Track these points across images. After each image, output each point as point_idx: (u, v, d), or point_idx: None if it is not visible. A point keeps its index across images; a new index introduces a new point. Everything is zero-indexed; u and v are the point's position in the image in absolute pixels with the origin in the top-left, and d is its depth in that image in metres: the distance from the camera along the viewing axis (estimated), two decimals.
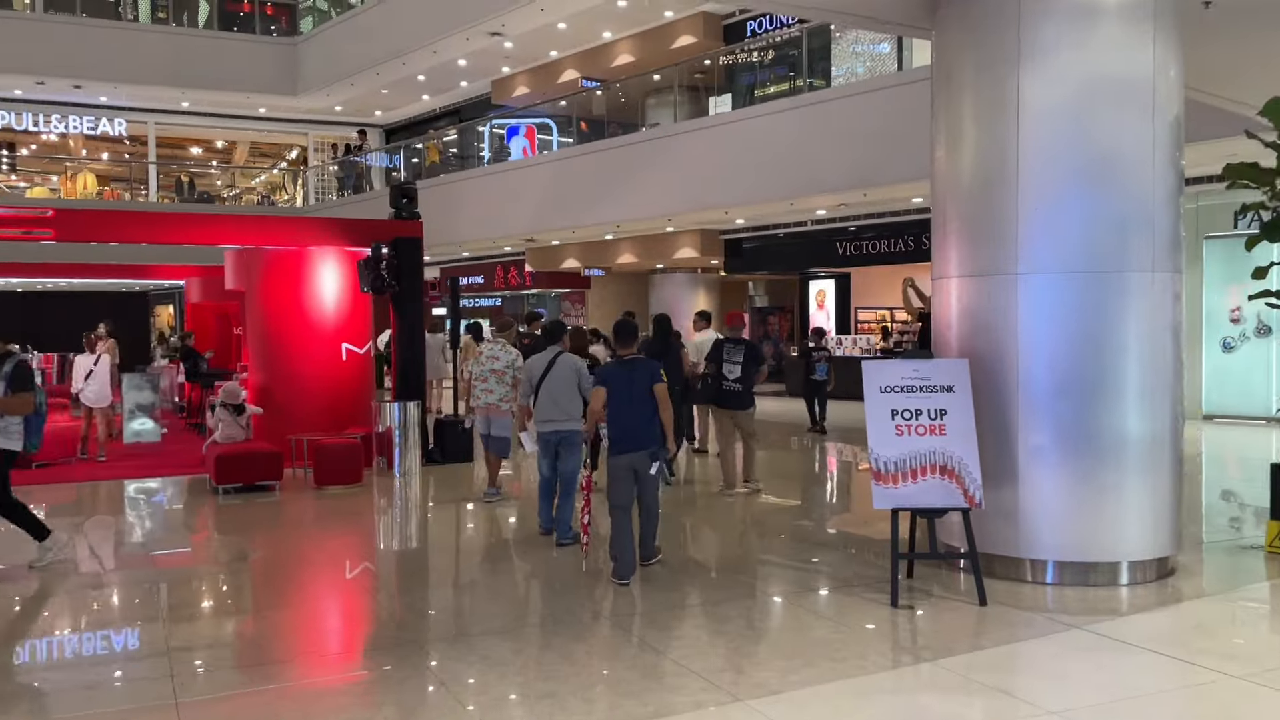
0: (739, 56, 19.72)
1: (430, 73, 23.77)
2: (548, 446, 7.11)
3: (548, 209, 18.06)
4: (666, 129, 16.13)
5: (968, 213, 5.78)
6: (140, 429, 11.21)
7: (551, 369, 7.04)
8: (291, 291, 10.33)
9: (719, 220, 18.53)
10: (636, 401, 6.06)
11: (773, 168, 14.30)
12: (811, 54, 16.77)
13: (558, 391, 6.97)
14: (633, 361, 6.30)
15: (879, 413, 5.40)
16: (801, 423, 14.53)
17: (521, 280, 25.03)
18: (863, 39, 17.36)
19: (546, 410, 7.01)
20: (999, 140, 5.61)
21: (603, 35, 21.35)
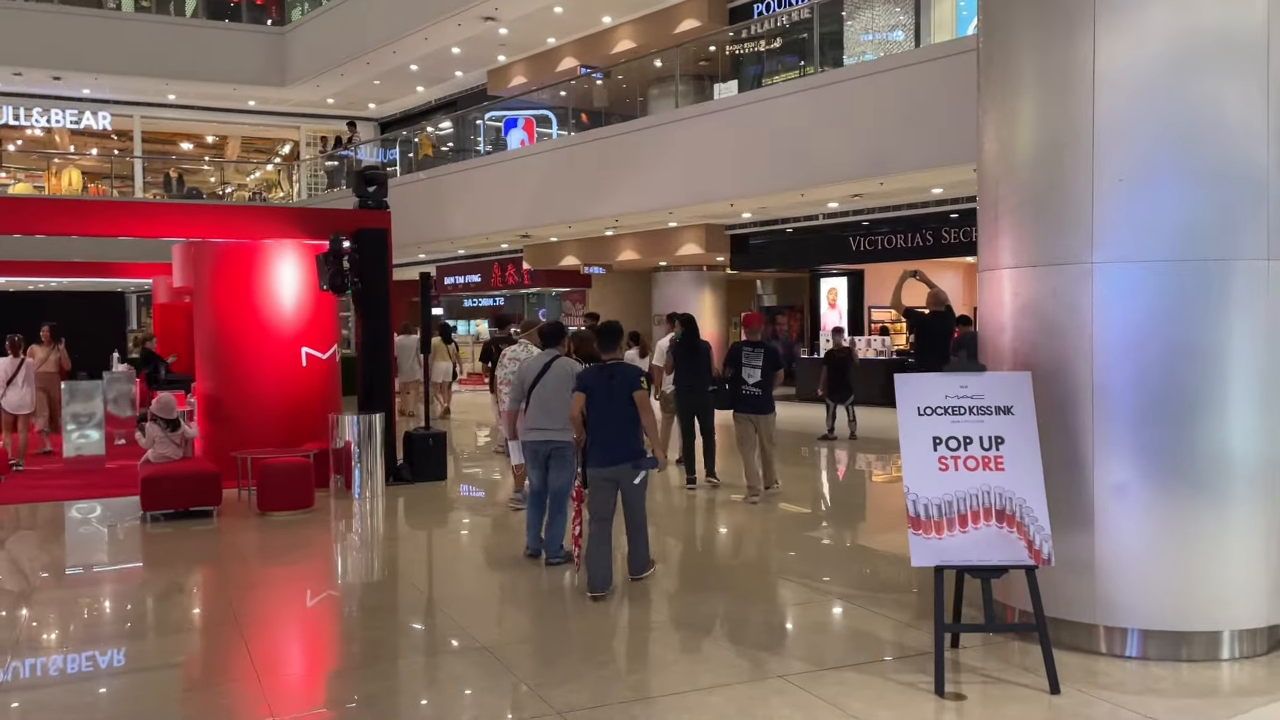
0: (744, 43, 18.60)
1: (423, 62, 22.71)
2: (536, 457, 6.58)
3: (542, 203, 16.95)
4: (666, 115, 15.00)
5: (1028, 191, 4.64)
6: (82, 442, 10.13)
7: (545, 374, 6.54)
8: (243, 289, 9.24)
9: (724, 214, 17.39)
10: (617, 409, 5.80)
11: (781, 156, 13.16)
12: (823, 39, 15.65)
13: (550, 399, 6.47)
14: (613, 367, 6.00)
15: (917, 441, 4.24)
16: (821, 429, 13.46)
17: (520, 279, 23.94)
18: (876, 25, 16.25)
19: (536, 418, 6.51)
20: (1070, 108, 4.48)
21: (602, 20, 20.23)
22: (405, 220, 20.28)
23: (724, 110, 14.11)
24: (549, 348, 6.80)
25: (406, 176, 21.22)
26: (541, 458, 6.54)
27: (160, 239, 9.84)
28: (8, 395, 9.81)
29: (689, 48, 18.17)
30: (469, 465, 11.51)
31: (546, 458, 6.52)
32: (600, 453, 5.84)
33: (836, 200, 16.02)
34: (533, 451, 6.58)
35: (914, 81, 11.75)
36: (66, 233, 8.53)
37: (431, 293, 9.71)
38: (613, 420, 5.82)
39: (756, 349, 8.75)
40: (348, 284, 8.76)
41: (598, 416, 5.85)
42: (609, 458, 5.80)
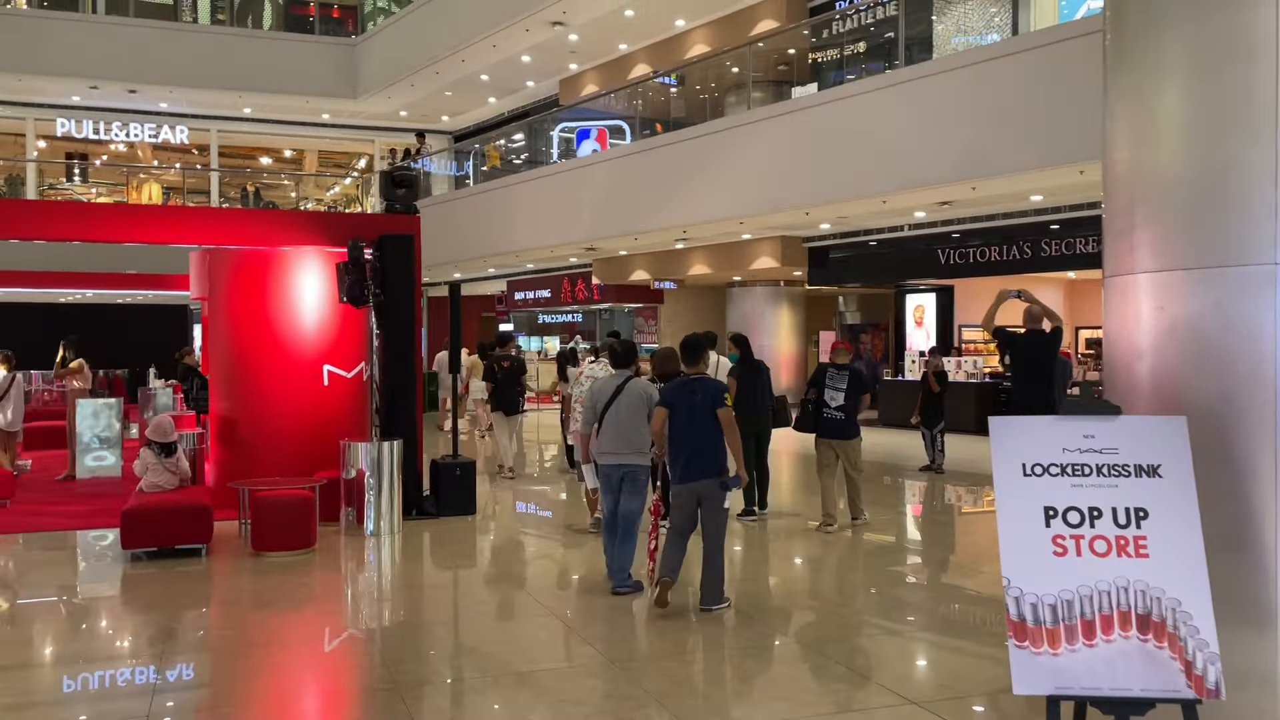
0: (824, 50, 17.43)
1: (493, 71, 22.08)
2: (609, 481, 6.42)
3: (606, 214, 16.00)
4: (738, 118, 13.90)
5: (1179, 176, 3.43)
6: (97, 464, 9.46)
7: (619, 396, 6.37)
8: (259, 301, 8.45)
9: (800, 225, 16.19)
10: (700, 424, 5.76)
11: (862, 160, 11.95)
12: (909, 42, 14.39)
13: (623, 422, 6.34)
14: (695, 381, 5.95)
15: (1022, 512, 3.04)
16: (909, 457, 12.21)
17: (590, 294, 23.08)
18: (968, 25, 14.94)
19: (609, 442, 6.38)
20: (1241, 84, 3.28)
21: (675, 24, 19.29)
22: (472, 233, 19.66)
23: (799, 111, 12.96)
24: (621, 368, 6.66)
25: (470, 189, 20.58)
26: (614, 482, 6.37)
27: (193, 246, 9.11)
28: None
29: (767, 53, 17.08)
30: (511, 493, 10.56)
31: (619, 482, 6.35)
32: (683, 468, 5.80)
33: (923, 209, 14.70)
34: (605, 476, 6.42)
35: (1011, 74, 10.48)
36: (66, 238, 7.87)
37: (460, 301, 8.78)
38: (696, 436, 5.77)
39: (841, 371, 8.48)
40: (367, 295, 7.88)
41: (680, 432, 5.81)
42: (693, 473, 5.78)
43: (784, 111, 13.08)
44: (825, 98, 12.71)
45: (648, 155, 15.17)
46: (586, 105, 21.41)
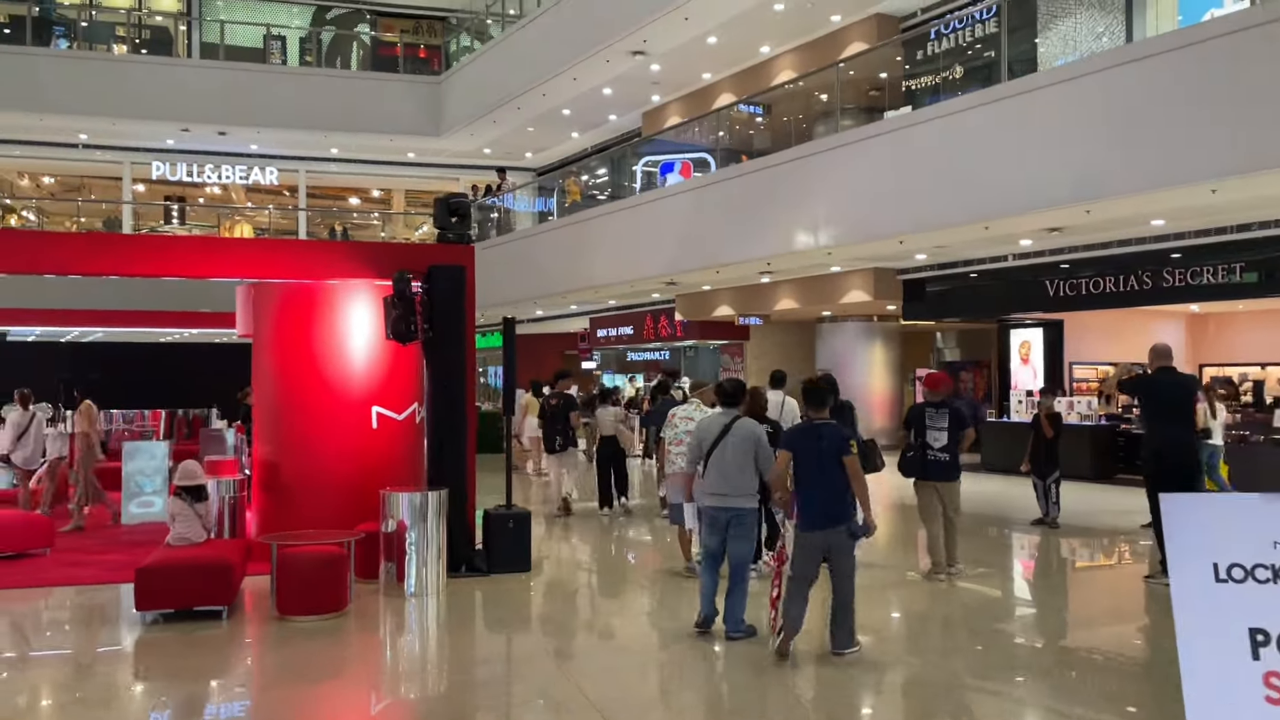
0: (919, 75, 16.46)
1: (575, 105, 21.70)
2: (715, 524, 6.31)
3: (686, 246, 15.25)
4: (825, 142, 13.01)
5: None
6: (142, 510, 9.02)
7: (725, 436, 6.27)
8: (304, 338, 7.91)
9: (894, 255, 15.16)
10: (827, 471, 5.69)
11: (961, 183, 10.95)
12: (1012, 60, 13.35)
13: (729, 463, 6.22)
14: (821, 427, 5.87)
15: (1214, 634, 2.12)
16: (1017, 508, 11.08)
17: (673, 330, 22.33)
18: (1078, 41, 13.84)
19: (715, 483, 6.27)
20: None
21: (760, 50, 18.59)
22: (552, 269, 19.14)
23: (890, 133, 12.02)
24: (728, 407, 6.50)
25: (548, 224, 20.12)
26: (720, 525, 6.25)
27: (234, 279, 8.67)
28: (17, 451, 8.89)
29: (857, 81, 16.19)
30: (572, 542, 9.78)
31: (726, 525, 6.23)
32: (809, 516, 5.72)
33: (1030, 236, 13.57)
34: (711, 518, 6.30)
35: (1132, 83, 9.40)
36: (99, 272, 7.47)
37: (515, 336, 8.06)
38: (822, 483, 5.69)
39: (940, 409, 8.17)
40: (414, 330, 7.24)
41: (805, 478, 5.75)
42: (819, 521, 5.70)
43: (875, 133, 12.16)
44: (920, 117, 11.76)
45: (729, 185, 14.39)
46: (670, 138, 20.80)
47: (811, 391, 6.04)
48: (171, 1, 25.37)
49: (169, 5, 25.39)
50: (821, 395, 5.99)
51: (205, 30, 25.01)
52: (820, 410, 5.96)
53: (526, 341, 29.14)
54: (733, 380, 6.90)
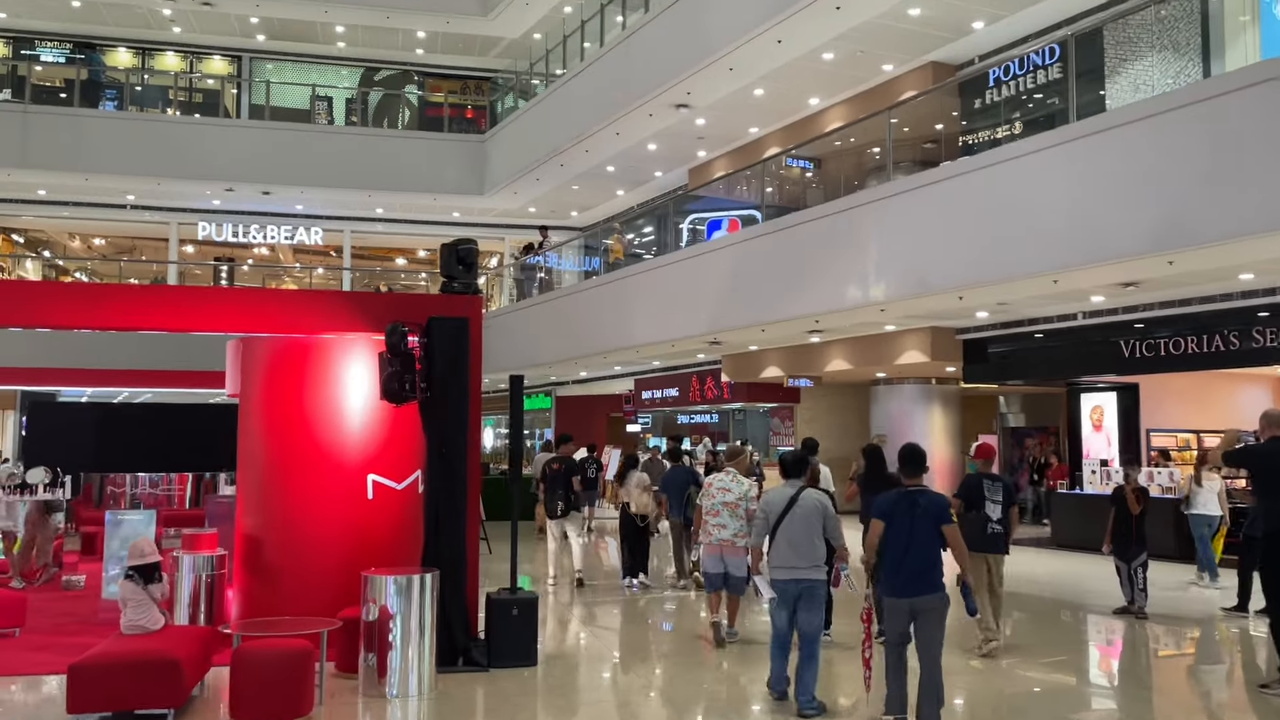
0: (978, 127, 15.61)
1: (619, 161, 21.19)
2: (785, 596, 6.33)
3: (729, 303, 14.40)
4: (876, 191, 12.14)
5: None
6: None
7: (793, 507, 6.35)
8: (294, 398, 7.17)
9: (953, 312, 14.14)
10: (921, 539, 5.67)
11: (1026, 233, 9.98)
12: (1080, 110, 12.45)
13: (798, 534, 6.30)
14: (917, 494, 5.83)
15: None
16: (1094, 591, 9.91)
17: (719, 392, 21.43)
18: (1150, 83, 12.93)
19: (784, 555, 6.33)
20: None
21: (809, 102, 17.90)
22: (593, 328, 18.41)
23: (948, 180, 11.11)
24: (793, 478, 6.56)
25: (585, 282, 19.45)
26: (790, 597, 6.27)
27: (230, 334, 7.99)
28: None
29: (912, 137, 15.38)
30: (591, 628, 8.82)
31: (796, 598, 6.26)
32: (902, 582, 5.68)
33: (1102, 292, 12.47)
34: (781, 590, 6.31)
35: (1218, 119, 8.42)
36: (51, 324, 6.79)
37: (522, 394, 7.23)
38: (917, 550, 5.65)
39: (996, 483, 8.29)
40: (409, 390, 6.46)
41: (898, 544, 5.69)
42: (912, 589, 5.64)
43: (930, 181, 11.26)
44: (980, 163, 10.84)
45: (774, 238, 13.56)
46: (717, 195, 20.14)
47: (909, 458, 5.99)
48: (222, 65, 25.57)
49: (219, 68, 25.59)
50: (918, 462, 5.96)
51: (253, 91, 25.14)
52: (915, 477, 5.92)
53: (572, 403, 28.45)
54: (795, 452, 6.90)
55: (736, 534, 8.20)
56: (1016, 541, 16.20)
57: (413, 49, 25.36)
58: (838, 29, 14.38)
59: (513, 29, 23.89)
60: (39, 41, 24.07)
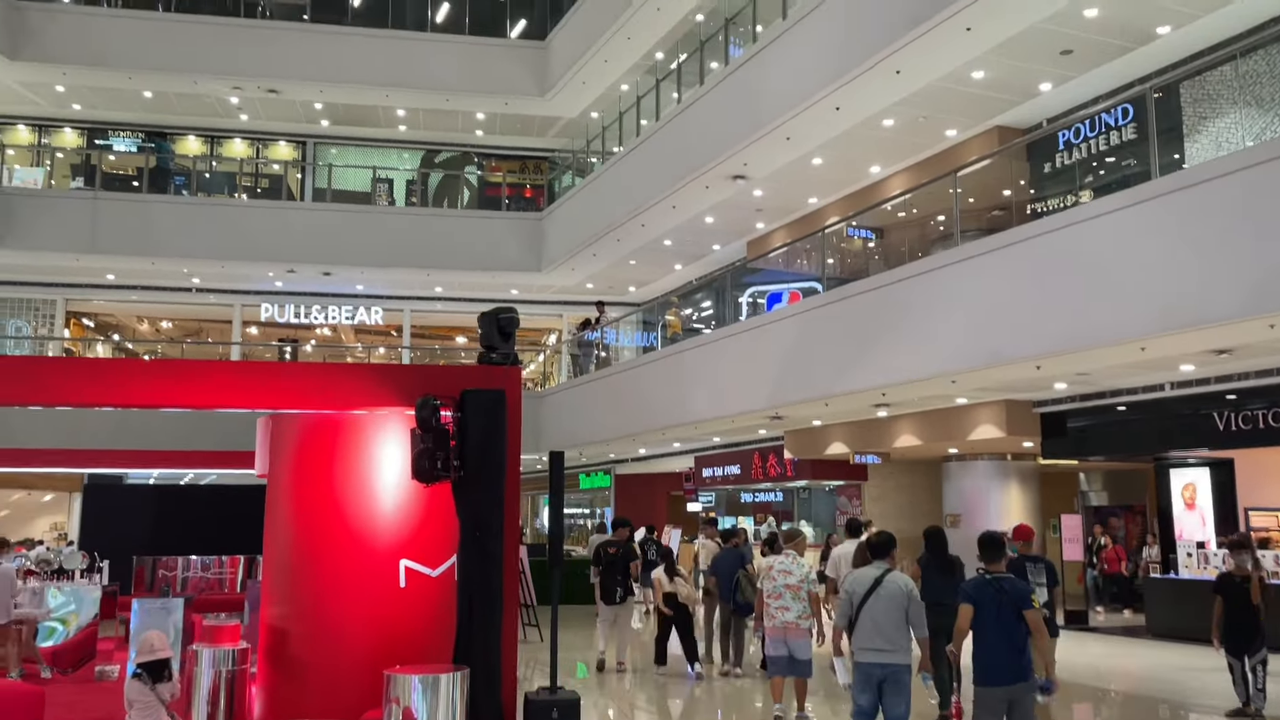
0: (1046, 180, 15.03)
1: (676, 235, 20.94)
2: (869, 680, 6.26)
3: (790, 377, 13.80)
4: (944, 257, 11.54)
5: None
6: None
7: (876, 589, 6.30)
8: (324, 477, 6.75)
9: (1028, 384, 13.36)
10: (1006, 625, 5.66)
11: (1108, 296, 9.29)
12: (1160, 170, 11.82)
13: (882, 617, 6.25)
14: (1001, 580, 5.83)
15: None
16: (1198, 690, 8.93)
17: (783, 470, 20.66)
18: (1231, 138, 12.27)
19: (869, 638, 6.27)
20: None
21: (870, 171, 17.47)
22: (651, 404, 17.92)
23: (1020, 243, 10.48)
24: (878, 560, 6.53)
25: (639, 358, 19.02)
26: (874, 681, 6.23)
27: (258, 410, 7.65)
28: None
29: (978, 206, 14.83)
30: None
31: (880, 682, 6.21)
32: (993, 671, 5.67)
33: (1191, 361, 11.64)
34: (865, 674, 6.27)
35: None
36: (47, 402, 6.47)
37: (563, 473, 6.70)
38: (1002, 637, 5.64)
39: (1039, 564, 8.43)
40: (441, 467, 5.99)
41: (985, 631, 5.68)
42: (1003, 676, 5.64)
43: (1002, 245, 10.63)
44: (1055, 224, 10.21)
45: (836, 308, 12.99)
46: (776, 268, 19.70)
47: (988, 544, 5.96)
48: (286, 150, 26.11)
49: (284, 153, 26.13)
50: (997, 548, 5.92)
51: (316, 175, 25.59)
52: (995, 563, 5.89)
53: (631, 482, 27.85)
54: (881, 533, 6.87)
55: (800, 616, 8.20)
56: (1106, 630, 15.18)
57: (472, 130, 25.65)
58: (898, 94, 13.97)
59: (570, 109, 24.04)
60: (112, 131, 24.84)
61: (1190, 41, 12.57)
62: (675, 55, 20.08)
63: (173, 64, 21.99)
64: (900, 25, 12.28)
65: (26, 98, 23.09)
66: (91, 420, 19.08)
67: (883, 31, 12.58)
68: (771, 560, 8.68)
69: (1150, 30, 12.36)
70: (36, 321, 24.38)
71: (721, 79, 16.48)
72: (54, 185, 23.46)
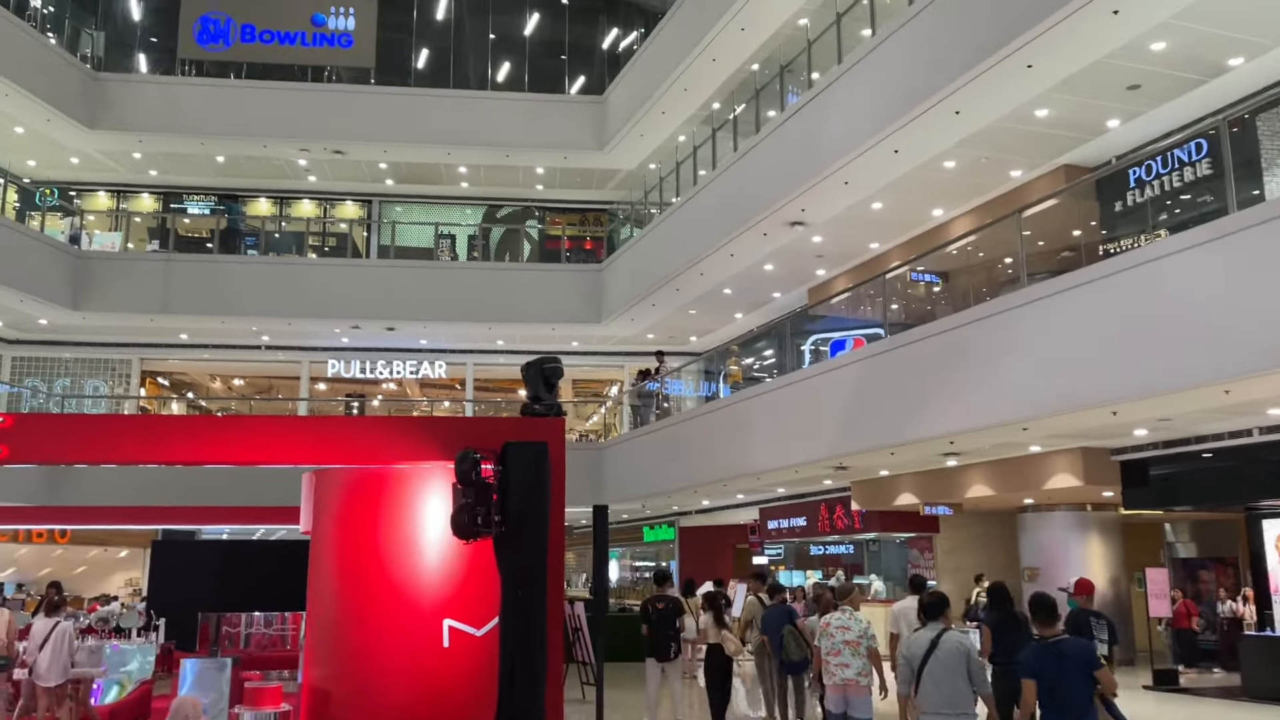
0: (1118, 220, 14.51)
1: (735, 284, 20.76)
2: None
3: (853, 425, 13.41)
4: (1012, 299, 11.11)
5: None
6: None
7: (934, 651, 6.28)
8: (366, 534, 6.60)
9: (1106, 430, 12.77)
10: (1074, 690, 5.59)
11: (1190, 337, 8.82)
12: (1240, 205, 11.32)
13: (943, 678, 6.19)
14: (1060, 644, 5.79)
15: None
16: None
17: (850, 521, 20.11)
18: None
19: (932, 702, 6.21)
20: None
21: (932, 213, 17.12)
22: (713, 455, 17.62)
23: (1091, 283, 10.04)
24: (932, 621, 6.52)
25: (702, 408, 18.74)
26: None
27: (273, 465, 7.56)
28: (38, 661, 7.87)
29: (1046, 250, 14.36)
30: None
31: None
32: None
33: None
34: None
35: None
36: (111, 459, 6.45)
37: (606, 527, 6.45)
38: (1072, 704, 5.57)
39: (1100, 620, 8.41)
40: (481, 523, 5.79)
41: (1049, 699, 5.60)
42: None
43: (1073, 285, 10.20)
44: (1128, 262, 9.77)
45: (899, 354, 12.61)
46: (839, 315, 19.34)
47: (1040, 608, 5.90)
48: (352, 209, 26.66)
49: (350, 212, 26.68)
50: (1050, 611, 5.85)
51: (381, 232, 26.06)
52: (1050, 626, 5.83)
53: (696, 534, 27.41)
54: (934, 593, 6.83)
55: (860, 673, 8.14)
56: (1196, 690, 14.29)
57: (532, 185, 25.93)
58: (958, 135, 13.68)
59: (628, 161, 24.17)
60: (186, 195, 25.64)
61: (1266, 72, 12.10)
62: (731, 104, 20.07)
63: (243, 129, 22.70)
64: (958, 65, 12.04)
65: (106, 165, 23.97)
66: (160, 476, 19.42)
67: (941, 72, 12.35)
68: (829, 616, 8.62)
69: (1221, 62, 11.92)
70: (113, 381, 25.03)
71: (778, 125, 16.37)
72: (130, 248, 24.22)
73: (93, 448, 6.13)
